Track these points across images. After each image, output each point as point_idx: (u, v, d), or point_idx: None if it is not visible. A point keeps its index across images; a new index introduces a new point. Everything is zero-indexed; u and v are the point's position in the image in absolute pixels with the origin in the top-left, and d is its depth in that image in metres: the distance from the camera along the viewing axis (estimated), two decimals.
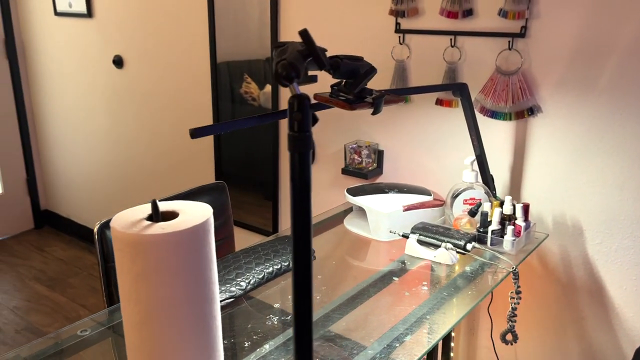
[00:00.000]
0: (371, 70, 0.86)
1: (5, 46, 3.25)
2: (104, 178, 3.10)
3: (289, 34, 2.03)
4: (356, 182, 1.97)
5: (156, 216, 0.72)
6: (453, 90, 1.40)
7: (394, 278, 1.26)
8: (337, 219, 1.63)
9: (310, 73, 0.76)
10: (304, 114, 0.63)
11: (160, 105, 2.62)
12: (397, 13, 1.72)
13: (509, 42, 1.54)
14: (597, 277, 1.55)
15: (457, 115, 1.68)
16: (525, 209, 1.43)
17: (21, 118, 3.40)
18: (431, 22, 1.68)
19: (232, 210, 2.43)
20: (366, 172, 1.85)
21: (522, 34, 1.52)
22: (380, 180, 1.93)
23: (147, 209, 0.75)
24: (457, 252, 1.34)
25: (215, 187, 1.57)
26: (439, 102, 1.71)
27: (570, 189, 1.54)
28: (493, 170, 1.65)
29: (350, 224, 1.56)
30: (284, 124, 2.16)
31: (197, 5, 2.30)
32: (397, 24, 1.75)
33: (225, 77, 2.29)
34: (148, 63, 2.61)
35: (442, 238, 1.36)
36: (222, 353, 0.80)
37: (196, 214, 0.74)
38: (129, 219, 0.73)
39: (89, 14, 2.80)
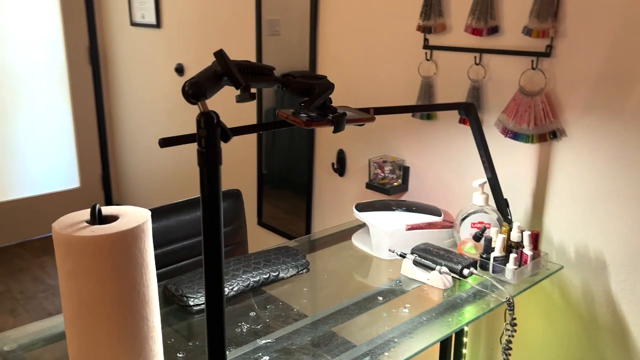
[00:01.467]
0: (325, 90, 0.87)
1: (89, 53, 3.54)
2: (166, 175, 3.29)
3: (326, 50, 2.06)
4: (379, 197, 1.95)
5: (93, 219, 0.78)
6: (459, 110, 1.36)
7: (378, 298, 1.24)
8: (348, 234, 1.63)
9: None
10: (209, 130, 0.66)
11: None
12: (424, 29, 1.69)
13: (532, 61, 1.47)
14: (621, 317, 1.44)
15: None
16: (534, 237, 1.36)
17: (100, 119, 3.68)
18: (458, 39, 1.64)
19: (267, 214, 2.49)
20: (389, 187, 1.83)
21: (547, 53, 1.44)
22: (405, 197, 1.90)
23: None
24: (454, 277, 1.30)
25: (230, 193, 1.63)
26: (462, 120, 1.66)
27: (594, 219, 1.44)
28: (513, 194, 1.58)
29: (357, 240, 1.56)
30: (319, 131, 2.18)
31: (247, 22, 2.39)
32: (426, 39, 1.72)
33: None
34: None
35: (440, 261, 1.32)
36: (156, 355, 0.84)
37: (131, 219, 0.79)
38: (72, 220, 0.79)
39: (158, 24, 2.99)
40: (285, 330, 1.10)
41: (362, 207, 1.53)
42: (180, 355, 1.02)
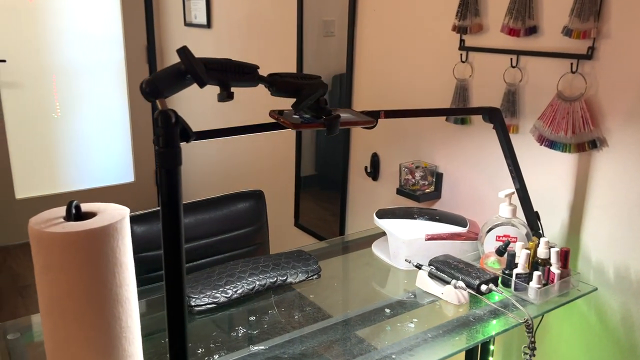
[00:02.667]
0: (314, 90, 0.83)
1: (146, 52, 3.66)
2: (216, 171, 3.34)
3: (362, 52, 2.01)
4: (407, 204, 1.88)
5: (68, 215, 0.78)
6: (482, 115, 1.28)
7: (386, 310, 1.19)
8: (370, 241, 1.57)
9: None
10: (166, 129, 0.64)
11: (257, 108, 2.76)
12: (460, 29, 1.61)
13: (572, 64, 1.36)
14: None
15: (518, 142, 1.53)
16: (563, 254, 1.25)
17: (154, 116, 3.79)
18: (494, 40, 1.55)
19: (304, 215, 2.46)
20: (419, 194, 1.76)
21: (588, 55, 1.33)
22: (437, 205, 1.82)
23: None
24: (471, 293, 1.22)
25: (252, 194, 1.62)
26: None
27: (637, 237, 1.31)
28: (548, 207, 1.47)
29: (377, 248, 1.50)
30: (355, 134, 2.14)
31: (290, 24, 2.38)
32: (461, 40, 1.63)
33: None
34: None
35: (457, 275, 1.24)
36: (132, 356, 0.83)
37: (107, 217, 0.78)
38: (50, 215, 0.79)
39: (208, 25, 3.04)
40: (280, 339, 1.07)
41: (382, 214, 1.47)
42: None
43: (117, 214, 0.79)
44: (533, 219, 1.36)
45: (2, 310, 2.71)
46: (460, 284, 1.22)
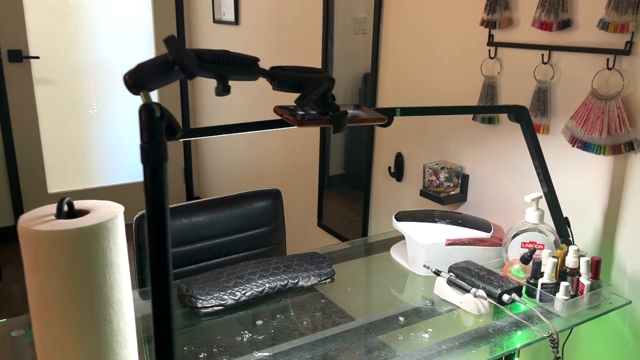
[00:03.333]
0: (319, 85, 0.78)
1: None
2: (241, 168, 3.33)
3: (388, 48, 1.94)
4: (428, 206, 1.81)
5: (58, 213, 0.75)
6: (508, 113, 1.20)
7: (400, 318, 1.12)
8: (391, 244, 1.51)
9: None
10: (150, 124, 0.60)
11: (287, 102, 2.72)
12: (489, 23, 1.53)
13: (608, 60, 1.27)
14: None
15: (549, 143, 1.44)
16: (594, 264, 1.16)
17: (184, 113, 3.81)
18: (525, 35, 1.46)
19: (327, 215, 2.41)
20: (443, 196, 1.69)
21: (626, 50, 1.24)
22: (462, 208, 1.74)
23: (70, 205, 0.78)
24: (491, 303, 1.15)
25: (269, 193, 1.58)
26: None
27: None
28: (580, 212, 1.38)
29: (395, 252, 1.44)
30: (379, 133, 2.07)
31: (316, 21, 2.33)
32: (490, 35, 1.55)
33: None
34: None
35: (478, 283, 1.17)
36: (125, 359, 0.80)
37: (98, 216, 0.75)
38: (42, 212, 0.76)
39: (236, 21, 3.02)
40: (286, 345, 1.02)
41: (401, 217, 1.41)
42: None
43: (109, 212, 0.76)
44: (562, 226, 1.27)
45: (26, 302, 2.75)
46: (481, 292, 1.14)
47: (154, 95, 3.63)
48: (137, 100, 3.61)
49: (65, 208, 0.77)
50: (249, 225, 1.54)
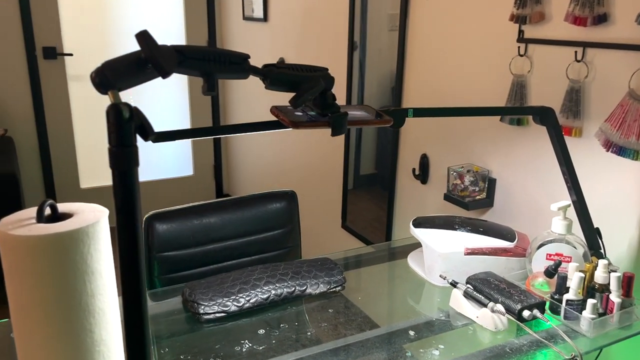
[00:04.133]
0: (315, 84, 0.72)
1: (207, 46, 3.67)
2: (269, 168, 3.30)
3: (415, 44, 1.87)
4: (453, 211, 1.72)
5: (39, 217, 0.71)
6: (532, 115, 1.11)
7: (410, 332, 1.06)
8: (412, 250, 1.44)
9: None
10: (117, 126, 0.55)
11: None
12: (518, 18, 1.44)
13: None
14: None
15: (581, 147, 1.34)
16: (626, 280, 1.07)
17: (214, 111, 3.81)
18: (557, 30, 1.36)
19: (351, 217, 2.35)
20: (468, 201, 1.60)
21: None
22: (488, 214, 1.65)
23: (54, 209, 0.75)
24: (510, 318, 1.07)
25: (284, 194, 1.53)
26: None
27: None
28: (614, 223, 1.28)
29: (412, 260, 1.37)
30: (404, 133, 2.00)
31: (343, 18, 2.27)
32: (520, 31, 1.46)
33: (357, 84, 2.22)
34: None
35: (497, 296, 1.09)
36: None
37: (79, 221, 0.71)
38: (23, 215, 0.73)
39: (265, 18, 2.98)
40: (285, 357, 0.97)
41: (420, 223, 1.33)
42: None
43: (91, 217, 0.72)
44: (592, 237, 1.18)
45: None
46: (499, 307, 1.06)
47: (183, 89, 3.62)
48: (165, 98, 3.63)
49: (49, 211, 0.74)
50: (263, 227, 1.50)
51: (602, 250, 1.20)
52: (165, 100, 3.64)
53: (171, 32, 3.56)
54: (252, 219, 1.48)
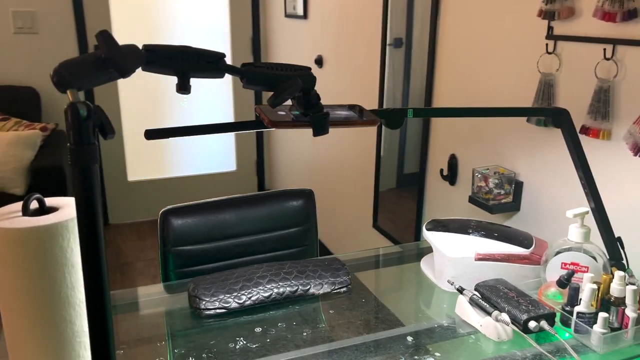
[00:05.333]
0: (292, 83, 0.71)
1: (251, 43, 3.71)
2: (307, 165, 3.31)
3: (446, 42, 1.81)
4: (478, 214, 1.67)
5: (24, 210, 0.74)
6: (545, 117, 1.05)
7: (408, 338, 1.03)
8: (422, 255, 1.40)
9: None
10: (75, 125, 0.56)
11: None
12: (547, 14, 1.37)
13: None
14: None
15: (610, 150, 1.27)
16: None
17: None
18: (587, 27, 1.29)
19: (382, 217, 2.32)
20: (492, 204, 1.54)
21: None
22: (514, 218, 1.58)
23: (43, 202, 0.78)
24: (516, 329, 1.02)
25: (301, 192, 1.52)
26: (584, 130, 1.31)
27: None
28: (639, 232, 1.20)
29: (425, 263, 1.33)
30: (433, 133, 1.95)
31: (377, 16, 2.24)
32: (550, 27, 1.39)
33: (402, 82, 2.19)
34: (338, 67, 2.65)
35: (503, 305, 1.05)
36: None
37: (61, 215, 0.74)
38: (11, 209, 0.76)
39: (305, 15, 2.99)
40: (276, 357, 0.97)
41: (433, 226, 1.30)
42: None
43: (72, 212, 0.75)
44: (613, 247, 1.11)
45: None
46: (504, 316, 1.02)
47: (227, 86, 3.68)
48: (210, 94, 3.69)
49: (36, 205, 0.77)
50: (278, 225, 1.50)
51: (624, 261, 1.12)
52: (211, 97, 3.72)
53: (216, 29, 3.62)
54: (268, 217, 1.48)
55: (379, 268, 1.36)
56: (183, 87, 0.67)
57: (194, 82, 0.69)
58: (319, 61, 2.86)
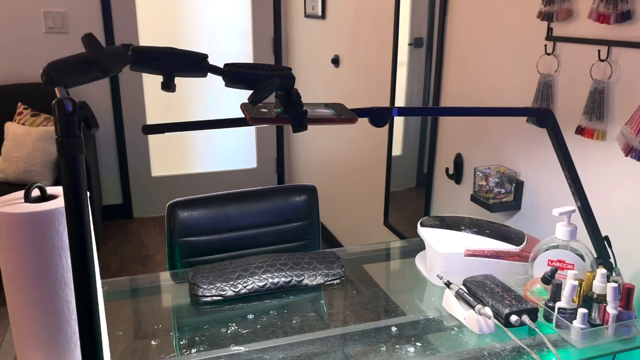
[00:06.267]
0: (270, 82, 0.76)
1: (273, 43, 3.78)
2: (324, 162, 3.36)
3: (454, 42, 1.84)
4: (480, 213, 1.69)
5: (26, 197, 0.81)
6: (530, 117, 1.08)
7: (392, 328, 1.07)
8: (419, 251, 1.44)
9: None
10: (62, 119, 0.63)
11: (358, 104, 2.70)
12: (546, 16, 1.39)
13: None
14: None
15: (604, 151, 1.28)
16: (625, 291, 1.01)
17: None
18: (583, 28, 1.30)
19: (392, 214, 2.35)
20: (493, 203, 1.57)
21: None
22: (515, 217, 1.60)
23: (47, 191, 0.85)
24: (497, 323, 1.05)
25: (304, 188, 1.57)
26: (580, 130, 1.32)
27: None
28: (631, 232, 1.21)
29: (419, 259, 1.37)
30: (441, 132, 1.97)
31: (388, 15, 2.27)
32: (549, 29, 1.41)
33: (402, 83, 2.22)
34: (353, 67, 2.69)
35: (487, 300, 1.08)
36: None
37: (58, 202, 0.80)
38: (14, 196, 0.83)
39: (323, 15, 3.04)
40: (264, 343, 1.02)
41: (429, 222, 1.33)
42: (152, 342, 1.02)
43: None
44: (600, 245, 1.12)
45: (122, 275, 3.02)
46: (486, 310, 1.05)
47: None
48: (232, 93, 3.77)
49: (37, 193, 0.84)
50: (281, 219, 1.55)
51: (612, 260, 1.14)
52: (236, 96, 3.80)
53: (239, 29, 3.70)
54: (271, 211, 1.54)
55: (376, 262, 1.40)
56: (167, 86, 0.73)
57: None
58: (336, 60, 2.90)
